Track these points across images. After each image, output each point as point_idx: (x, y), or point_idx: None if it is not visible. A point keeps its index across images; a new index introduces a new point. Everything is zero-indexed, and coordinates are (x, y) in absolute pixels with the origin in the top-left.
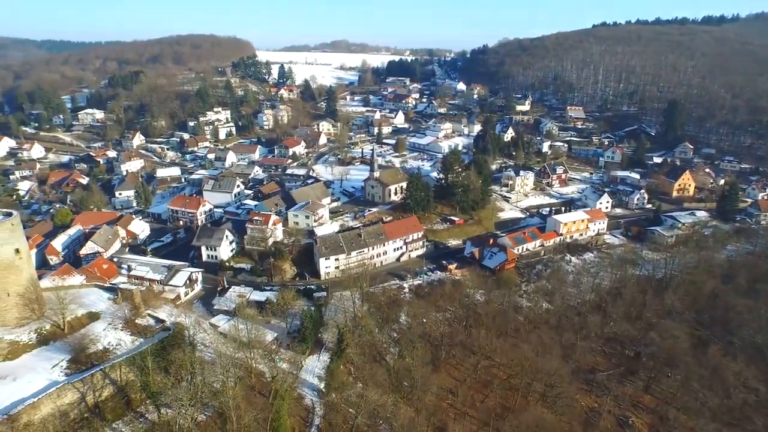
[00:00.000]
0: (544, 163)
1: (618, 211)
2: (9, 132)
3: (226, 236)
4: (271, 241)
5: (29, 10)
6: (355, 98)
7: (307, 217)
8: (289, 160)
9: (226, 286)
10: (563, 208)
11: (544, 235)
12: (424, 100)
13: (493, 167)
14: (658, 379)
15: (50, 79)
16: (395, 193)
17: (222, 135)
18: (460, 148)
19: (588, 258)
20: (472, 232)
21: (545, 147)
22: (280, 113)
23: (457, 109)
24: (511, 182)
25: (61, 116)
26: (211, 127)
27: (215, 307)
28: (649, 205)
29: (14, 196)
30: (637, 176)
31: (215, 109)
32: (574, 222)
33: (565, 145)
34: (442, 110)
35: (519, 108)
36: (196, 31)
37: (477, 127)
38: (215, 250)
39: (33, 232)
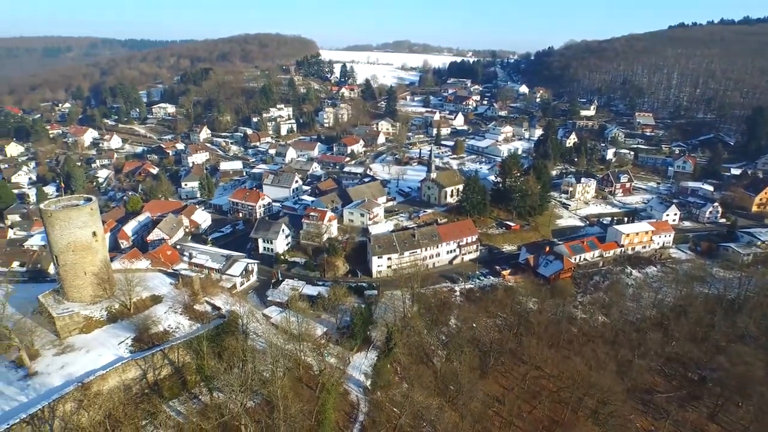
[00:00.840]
0: (607, 171)
1: (686, 224)
2: (93, 124)
3: (283, 230)
4: (325, 237)
5: (117, 12)
6: (415, 98)
7: (362, 215)
8: (347, 158)
9: (280, 278)
10: (626, 219)
11: (603, 246)
12: (485, 102)
13: (553, 173)
14: (726, 407)
15: (130, 75)
16: (451, 195)
17: (283, 131)
18: (519, 152)
19: (650, 272)
20: (528, 239)
21: (609, 154)
22: (340, 111)
23: (518, 113)
24: (571, 189)
25: (137, 110)
26: (273, 123)
27: (269, 299)
28: (723, 220)
29: (94, 183)
30: (711, 188)
31: (278, 106)
32: (637, 233)
33: (632, 153)
34: (503, 113)
35: (583, 113)
36: (264, 30)
37: (538, 132)
38: (271, 243)
39: (108, 217)
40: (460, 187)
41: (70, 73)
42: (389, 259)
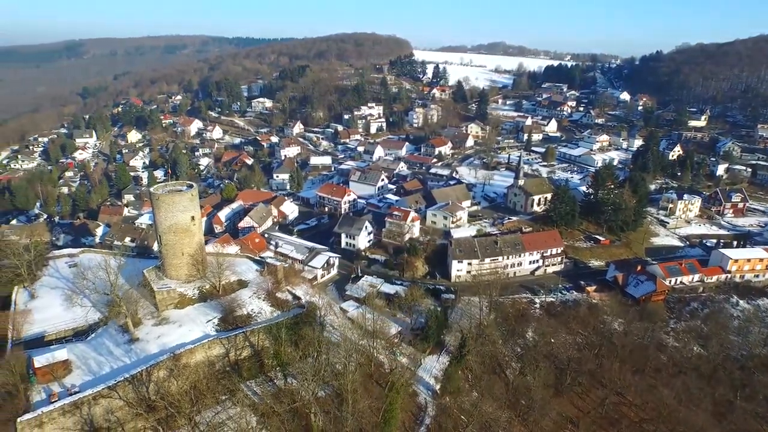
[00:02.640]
0: (716, 188)
1: None
2: (199, 115)
3: (366, 227)
4: (407, 237)
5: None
6: (507, 102)
7: (446, 217)
8: (434, 160)
9: (360, 274)
10: (735, 242)
11: (705, 270)
12: (581, 108)
13: (652, 187)
14: None
15: (234, 71)
16: (538, 204)
17: (373, 129)
18: (615, 162)
19: (763, 304)
20: (618, 255)
21: (720, 170)
22: (430, 112)
23: (616, 121)
24: (671, 206)
25: (238, 103)
26: (363, 121)
27: (347, 293)
28: None
29: (196, 170)
30: None
31: (369, 104)
32: (749, 260)
33: (748, 170)
34: (600, 121)
35: (692, 123)
36: (360, 30)
37: (638, 142)
38: (354, 238)
39: (205, 203)
40: (549, 196)
41: (183, 68)
42: (469, 264)
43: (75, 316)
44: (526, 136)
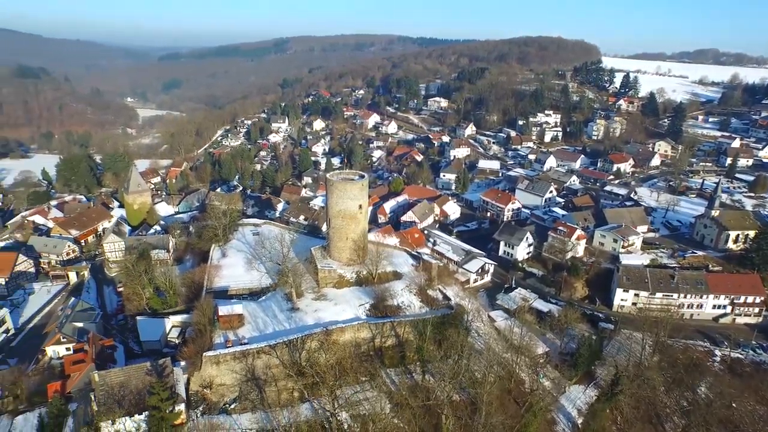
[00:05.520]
0: None
1: None
2: (378, 109)
3: (527, 238)
4: (569, 254)
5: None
6: (709, 119)
7: (616, 240)
8: (611, 176)
9: (513, 285)
10: None
11: None
12: None
13: None
14: None
15: (415, 70)
16: (735, 241)
17: (547, 138)
18: None
19: None
20: None
21: None
22: (613, 125)
23: None
24: None
25: (415, 101)
26: (538, 128)
27: (497, 302)
28: None
29: (368, 161)
30: None
31: (546, 112)
32: None
33: None
34: None
35: None
36: (546, 33)
37: None
38: (513, 248)
39: (373, 193)
40: (751, 233)
41: (368, 64)
42: (636, 295)
43: (252, 278)
44: (729, 161)
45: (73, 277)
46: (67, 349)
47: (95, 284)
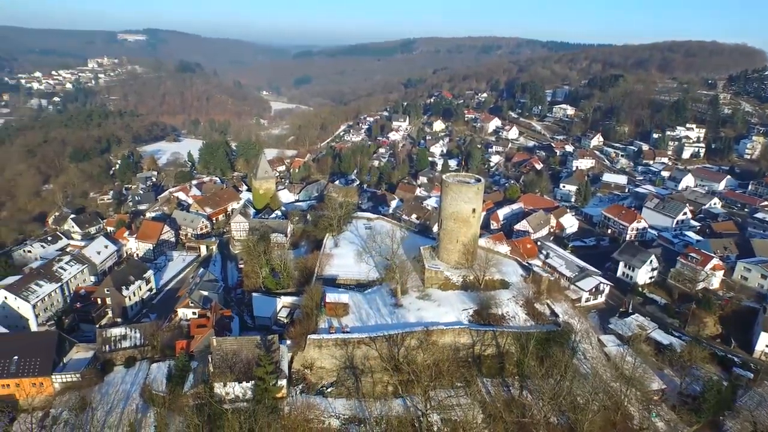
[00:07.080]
0: None
1: None
2: (500, 114)
3: (651, 261)
4: (700, 285)
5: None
6: None
7: (764, 276)
8: (765, 203)
9: (630, 310)
10: None
11: None
12: None
13: None
14: None
15: (542, 74)
16: None
17: (686, 154)
18: None
19: None
20: None
21: None
22: None
23: None
24: None
25: (539, 107)
26: (676, 143)
27: (610, 326)
28: None
29: (486, 166)
30: None
31: (688, 125)
32: None
33: None
34: None
35: None
36: (697, 37)
37: None
38: (633, 270)
39: (487, 198)
40: None
41: (493, 67)
42: None
43: (360, 270)
44: None
45: (203, 250)
46: (194, 313)
47: (221, 259)
